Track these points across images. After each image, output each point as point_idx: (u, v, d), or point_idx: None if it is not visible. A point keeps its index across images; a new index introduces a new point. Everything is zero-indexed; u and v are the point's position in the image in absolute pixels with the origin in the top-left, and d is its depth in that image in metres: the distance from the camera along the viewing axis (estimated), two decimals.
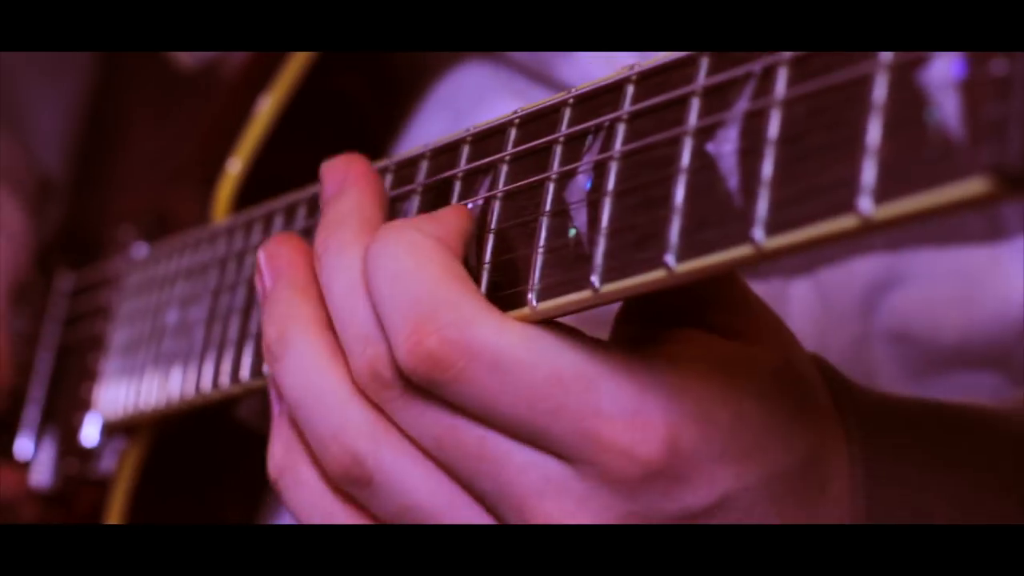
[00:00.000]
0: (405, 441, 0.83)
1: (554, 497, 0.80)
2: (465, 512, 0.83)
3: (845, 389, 0.86)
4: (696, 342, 0.82)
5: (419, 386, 0.81)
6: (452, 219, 0.84)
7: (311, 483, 0.88)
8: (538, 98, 1.18)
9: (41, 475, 1.38)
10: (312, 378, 0.86)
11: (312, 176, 1.09)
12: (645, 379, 0.79)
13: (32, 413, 1.41)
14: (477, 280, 0.84)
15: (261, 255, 0.91)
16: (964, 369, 1.09)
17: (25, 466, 1.40)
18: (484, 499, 0.82)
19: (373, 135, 1.24)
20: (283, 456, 0.89)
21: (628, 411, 0.78)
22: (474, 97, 1.19)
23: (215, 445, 1.25)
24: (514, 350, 0.79)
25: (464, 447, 0.81)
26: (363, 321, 0.83)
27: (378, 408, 0.84)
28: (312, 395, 0.86)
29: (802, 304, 1.11)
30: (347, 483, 0.85)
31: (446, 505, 0.83)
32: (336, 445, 0.84)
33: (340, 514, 0.87)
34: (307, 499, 0.88)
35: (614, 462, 0.78)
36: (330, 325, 0.87)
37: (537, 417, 0.79)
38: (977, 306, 1.08)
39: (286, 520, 1.23)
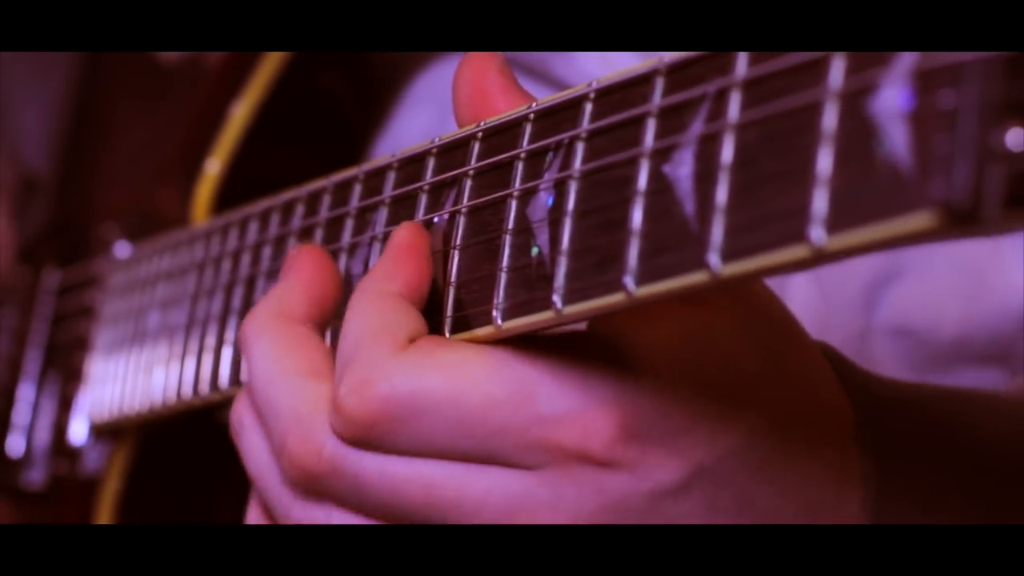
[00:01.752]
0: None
1: (525, 511, 0.79)
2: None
3: (848, 368, 0.84)
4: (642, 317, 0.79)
5: (345, 456, 0.81)
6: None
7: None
8: (528, 92, 1.18)
9: (32, 475, 1.38)
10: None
11: (292, 175, 1.09)
12: (583, 371, 0.78)
13: (22, 411, 1.41)
14: (443, 297, 0.83)
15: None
16: (965, 364, 1.08)
17: (17, 465, 1.40)
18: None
19: (354, 132, 1.24)
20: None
21: (572, 409, 0.77)
22: None
23: (202, 447, 1.25)
24: (438, 389, 0.78)
25: (412, 497, 0.80)
26: (273, 417, 0.85)
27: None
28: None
29: (803, 298, 1.10)
30: (296, 471, 0.84)
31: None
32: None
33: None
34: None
35: (571, 462, 0.77)
36: None
37: (481, 443, 0.78)
38: (977, 300, 1.07)
39: None
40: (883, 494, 0.83)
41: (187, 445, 1.25)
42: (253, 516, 0.90)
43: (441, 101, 1.20)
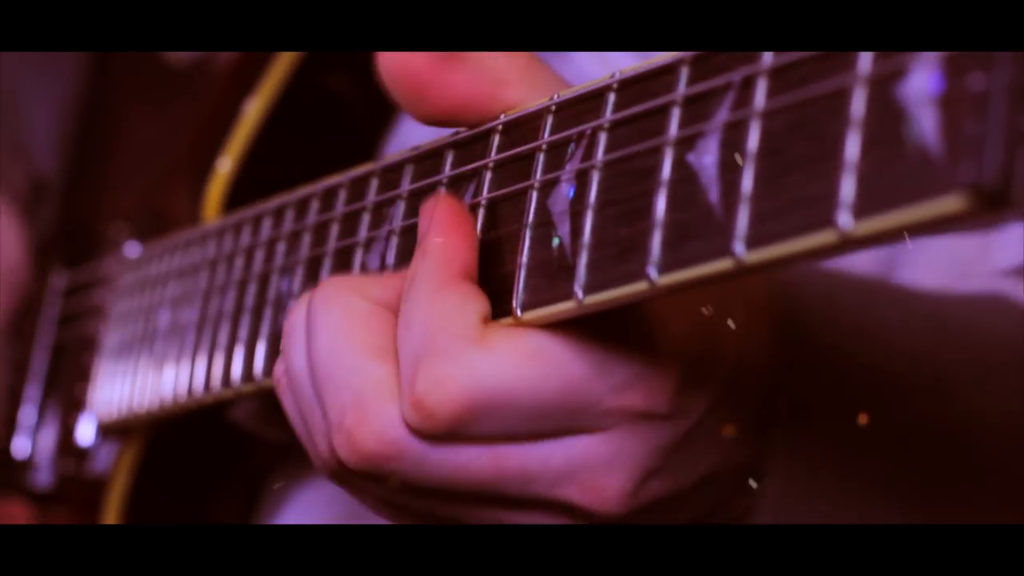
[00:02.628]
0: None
1: (583, 472, 0.81)
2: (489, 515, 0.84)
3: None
4: None
5: (412, 444, 0.80)
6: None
7: None
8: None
9: (39, 475, 1.38)
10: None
11: (303, 174, 1.09)
12: (636, 342, 0.80)
13: (29, 412, 1.41)
14: None
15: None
16: None
17: (23, 465, 1.40)
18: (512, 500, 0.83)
19: (363, 132, 1.24)
20: None
21: (639, 376, 0.80)
22: None
23: (210, 446, 1.25)
24: (520, 381, 0.79)
25: (477, 477, 0.81)
26: (334, 390, 0.83)
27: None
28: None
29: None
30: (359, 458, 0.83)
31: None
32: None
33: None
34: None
35: (636, 419, 0.80)
36: None
37: (558, 421, 0.80)
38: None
39: (281, 521, 1.23)
40: (796, 411, 0.87)
41: (195, 445, 1.25)
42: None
43: None
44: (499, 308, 0.81)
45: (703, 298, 0.83)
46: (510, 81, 0.85)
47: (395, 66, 0.87)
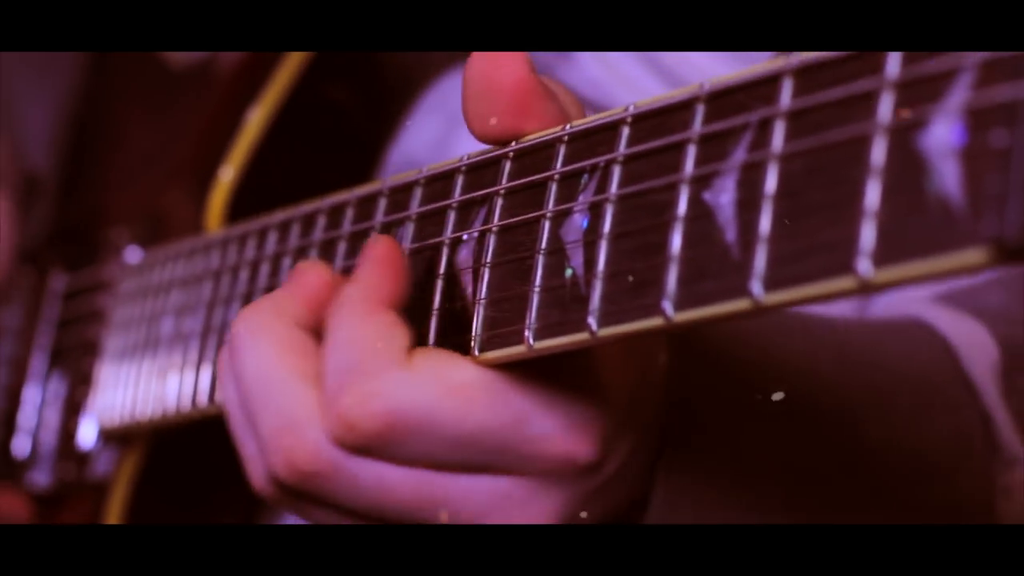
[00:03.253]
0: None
1: (500, 509, 0.84)
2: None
3: None
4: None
5: (343, 460, 0.84)
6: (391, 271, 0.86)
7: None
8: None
9: (38, 477, 1.38)
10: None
11: (304, 183, 1.09)
12: (566, 391, 0.83)
13: (28, 413, 1.41)
14: (472, 315, 0.84)
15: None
16: None
17: (22, 466, 1.40)
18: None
19: (365, 142, 1.24)
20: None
21: (560, 428, 0.82)
22: None
23: (213, 456, 1.25)
24: (441, 409, 0.82)
25: (402, 495, 0.84)
26: (264, 414, 0.87)
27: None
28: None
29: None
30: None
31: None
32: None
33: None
34: None
35: (557, 469, 0.83)
36: None
37: (475, 456, 0.83)
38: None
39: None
40: (680, 441, 0.88)
41: (197, 453, 1.25)
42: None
43: (451, 111, 1.20)
44: (511, 337, 0.81)
45: (641, 352, 0.85)
46: (573, 117, 0.85)
47: (503, 75, 0.84)
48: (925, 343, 0.99)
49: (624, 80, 1.13)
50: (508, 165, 0.85)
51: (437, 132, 1.22)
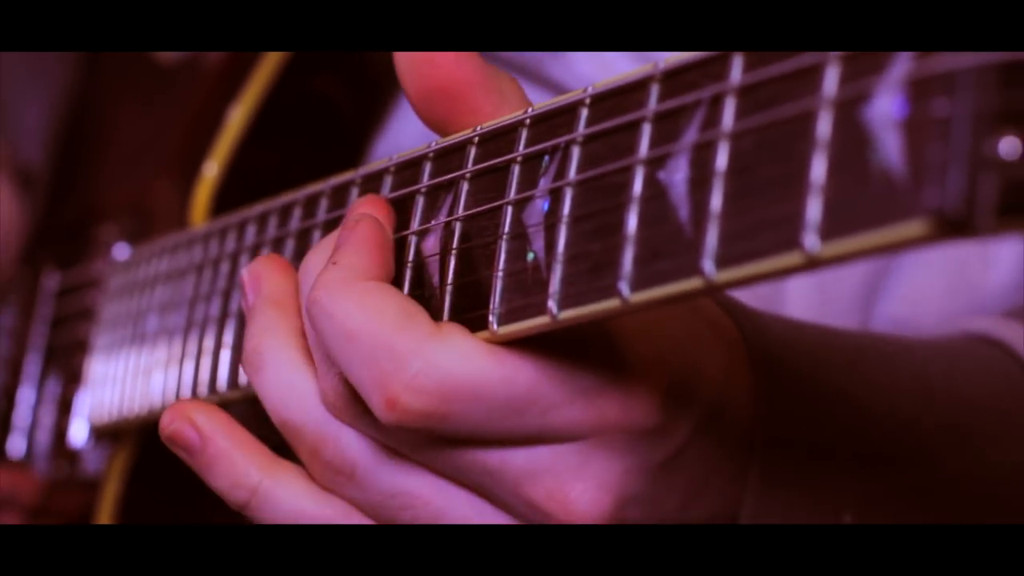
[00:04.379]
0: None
1: (549, 475, 0.80)
2: (455, 499, 0.83)
3: (748, 318, 0.86)
4: None
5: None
6: (373, 247, 0.83)
7: (295, 485, 0.88)
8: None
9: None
10: (291, 384, 0.86)
11: (291, 178, 1.09)
12: (614, 350, 0.79)
13: (22, 413, 1.41)
14: (440, 301, 0.83)
15: (244, 274, 0.91)
16: None
17: (23, 464, 1.40)
18: (475, 488, 0.83)
19: (351, 135, 1.24)
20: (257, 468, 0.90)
21: (606, 384, 0.79)
22: None
23: None
24: (487, 374, 0.78)
25: (454, 460, 0.81)
26: (300, 429, 0.85)
27: None
28: (292, 402, 0.86)
29: (802, 298, 1.11)
30: (332, 475, 0.85)
31: (435, 492, 0.83)
32: (318, 441, 0.85)
33: (328, 511, 0.87)
34: (292, 503, 0.88)
35: (613, 427, 0.79)
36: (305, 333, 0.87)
37: (528, 421, 0.79)
38: (958, 296, 1.08)
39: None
40: (772, 458, 0.85)
41: None
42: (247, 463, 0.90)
43: None
44: (476, 322, 0.81)
45: (682, 324, 0.82)
46: (507, 97, 0.84)
47: (435, 71, 0.85)
48: (998, 365, 0.98)
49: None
50: (474, 151, 0.85)
51: (423, 125, 1.21)
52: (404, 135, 1.22)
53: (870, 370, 0.90)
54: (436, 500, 0.83)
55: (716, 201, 0.68)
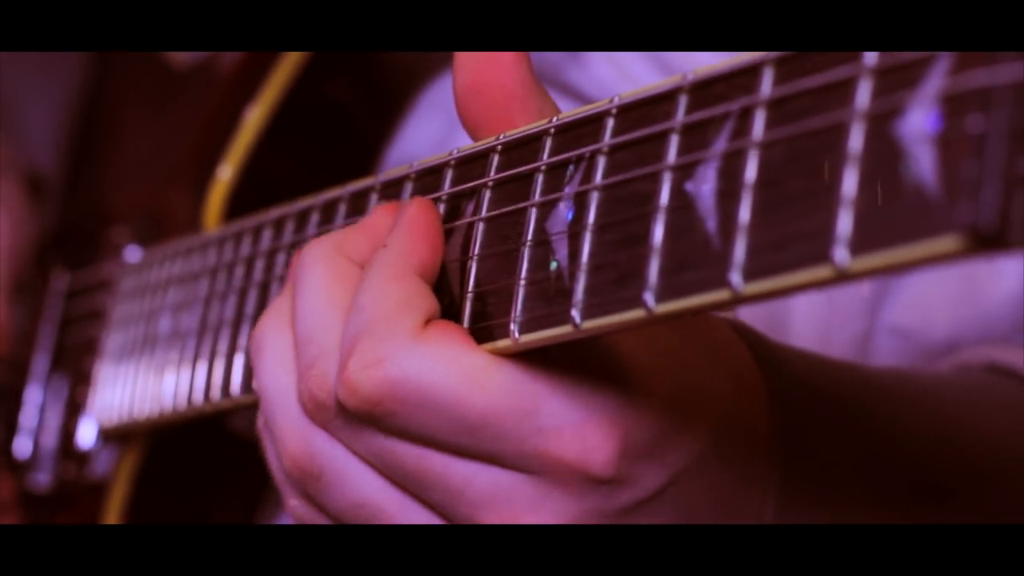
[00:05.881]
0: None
1: (503, 504, 0.81)
2: (415, 515, 0.84)
3: (767, 353, 0.86)
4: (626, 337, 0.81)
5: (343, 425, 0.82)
6: (421, 233, 0.84)
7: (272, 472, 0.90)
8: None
9: (40, 476, 1.38)
10: (276, 375, 0.87)
11: (304, 182, 1.09)
12: (586, 387, 0.79)
13: (30, 413, 1.41)
14: (460, 308, 0.83)
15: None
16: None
17: (24, 466, 1.40)
18: (434, 507, 0.83)
19: (365, 140, 1.24)
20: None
21: (573, 424, 0.79)
22: None
23: (212, 454, 1.25)
24: (446, 386, 0.79)
25: (404, 466, 0.82)
26: (306, 342, 0.84)
27: None
28: (273, 391, 0.87)
29: (809, 305, 1.11)
30: (298, 475, 0.86)
31: (396, 506, 0.84)
32: (292, 438, 0.85)
33: (294, 505, 0.88)
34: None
35: (566, 472, 0.79)
36: None
37: (478, 443, 0.80)
38: (969, 303, 1.09)
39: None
40: (788, 488, 0.85)
41: (196, 452, 1.25)
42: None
43: (452, 109, 1.20)
44: (497, 330, 0.81)
45: (676, 368, 0.81)
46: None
47: (490, 71, 0.85)
48: (1018, 400, 0.97)
49: (634, 81, 1.12)
50: (496, 159, 0.85)
51: (438, 130, 1.21)
52: (418, 140, 1.22)
53: (892, 408, 0.90)
54: (398, 516, 0.84)
55: (744, 213, 0.68)
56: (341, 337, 0.83)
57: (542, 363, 0.80)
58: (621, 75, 1.13)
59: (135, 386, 1.21)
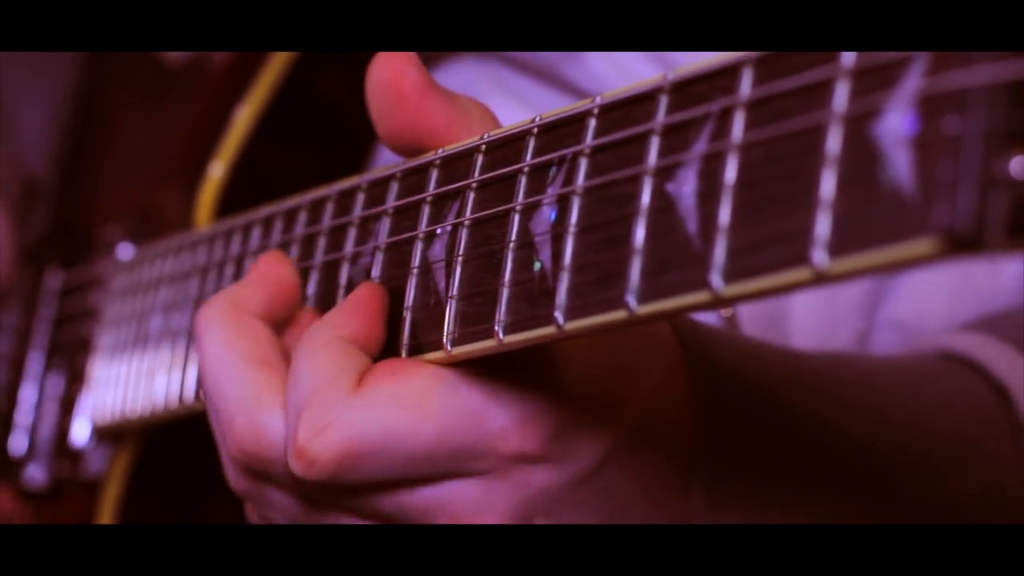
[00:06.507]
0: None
1: (455, 508, 0.83)
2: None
3: (697, 339, 0.88)
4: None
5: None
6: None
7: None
8: (537, 97, 1.17)
9: (35, 475, 1.38)
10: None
11: (296, 178, 1.09)
12: (519, 386, 0.82)
13: (25, 411, 1.41)
14: (444, 309, 0.83)
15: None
16: None
17: (19, 464, 1.40)
18: (392, 522, 0.86)
19: (357, 136, 1.23)
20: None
21: (513, 421, 0.82)
22: None
23: (204, 452, 1.24)
24: (391, 427, 0.81)
25: (378, 511, 0.85)
26: (223, 401, 0.88)
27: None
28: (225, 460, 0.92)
29: (807, 301, 1.11)
30: (266, 514, 0.91)
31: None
32: (246, 493, 0.91)
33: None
34: None
35: (509, 464, 0.82)
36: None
37: (439, 464, 0.82)
38: (963, 298, 1.08)
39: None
40: (715, 468, 0.87)
41: (189, 450, 1.25)
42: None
43: None
44: (482, 333, 0.81)
45: (611, 348, 0.84)
46: (476, 129, 0.85)
47: (384, 72, 0.88)
48: (965, 395, 0.98)
49: (631, 76, 1.12)
50: (480, 159, 0.85)
51: None
52: None
53: (823, 395, 0.92)
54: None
55: (724, 214, 0.68)
56: (254, 397, 0.85)
57: (478, 370, 0.82)
58: (618, 70, 1.13)
59: (128, 385, 1.20)
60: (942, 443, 0.94)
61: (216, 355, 0.87)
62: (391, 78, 0.87)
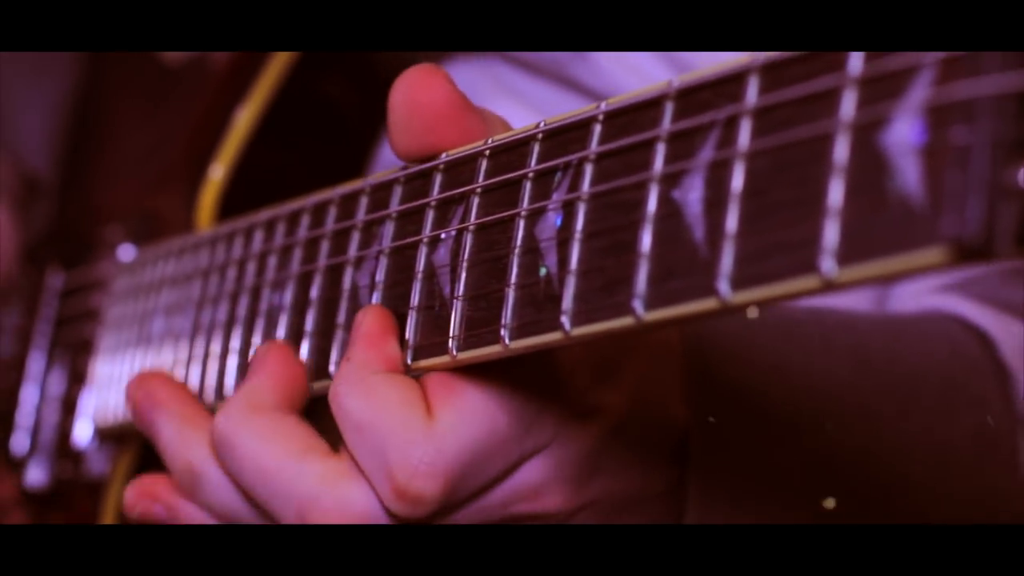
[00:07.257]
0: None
1: (531, 487, 0.86)
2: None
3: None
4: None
5: None
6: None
7: None
8: (538, 96, 1.17)
9: (37, 475, 1.38)
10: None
11: (297, 180, 1.08)
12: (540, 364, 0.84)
13: (26, 411, 1.41)
14: (449, 314, 0.83)
15: (132, 388, 0.99)
16: None
17: (20, 464, 1.40)
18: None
19: (357, 138, 1.23)
20: None
21: (555, 386, 0.84)
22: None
23: None
24: (479, 437, 0.83)
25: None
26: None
27: None
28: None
29: (813, 301, 1.11)
30: None
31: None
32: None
33: None
34: None
35: (567, 427, 0.85)
36: None
37: (522, 449, 0.85)
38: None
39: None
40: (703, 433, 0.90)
41: None
42: None
43: None
44: (488, 337, 0.81)
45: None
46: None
47: (419, 93, 0.86)
48: (947, 338, 0.99)
49: (640, 76, 1.12)
50: (484, 163, 0.85)
51: None
52: None
53: (805, 339, 0.94)
54: None
55: (732, 222, 0.68)
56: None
57: (502, 366, 0.83)
58: (627, 70, 1.13)
59: None
60: (928, 386, 0.96)
61: (257, 462, 0.88)
62: (428, 99, 0.86)
